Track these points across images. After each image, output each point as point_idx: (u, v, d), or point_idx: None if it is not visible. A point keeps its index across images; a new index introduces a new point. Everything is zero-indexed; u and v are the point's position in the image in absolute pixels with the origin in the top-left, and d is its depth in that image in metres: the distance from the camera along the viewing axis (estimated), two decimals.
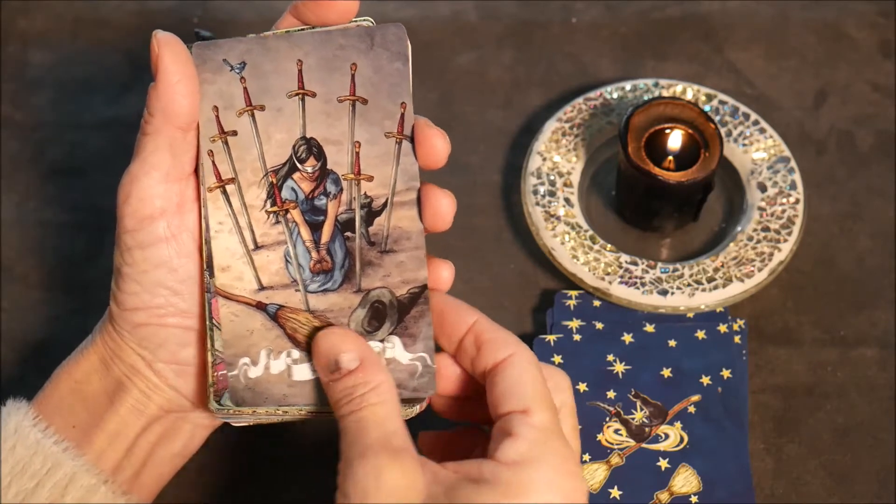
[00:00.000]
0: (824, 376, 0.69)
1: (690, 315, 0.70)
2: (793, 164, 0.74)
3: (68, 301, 0.73)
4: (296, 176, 0.56)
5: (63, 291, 0.73)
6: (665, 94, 0.76)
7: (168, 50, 0.54)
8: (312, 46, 0.55)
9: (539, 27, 0.83)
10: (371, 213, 0.56)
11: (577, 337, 0.69)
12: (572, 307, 0.71)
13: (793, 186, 0.73)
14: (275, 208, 0.56)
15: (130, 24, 0.84)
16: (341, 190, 0.56)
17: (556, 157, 0.75)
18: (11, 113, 0.80)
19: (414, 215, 0.55)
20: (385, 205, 0.55)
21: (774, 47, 0.82)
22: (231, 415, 0.56)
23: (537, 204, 0.72)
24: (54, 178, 0.77)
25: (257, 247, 0.56)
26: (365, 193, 0.56)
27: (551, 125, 0.76)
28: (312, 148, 0.56)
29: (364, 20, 0.56)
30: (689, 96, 0.76)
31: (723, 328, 0.69)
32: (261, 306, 0.56)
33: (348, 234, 0.56)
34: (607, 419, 0.66)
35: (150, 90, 0.55)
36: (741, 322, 0.70)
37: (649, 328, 0.69)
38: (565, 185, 0.74)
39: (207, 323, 0.56)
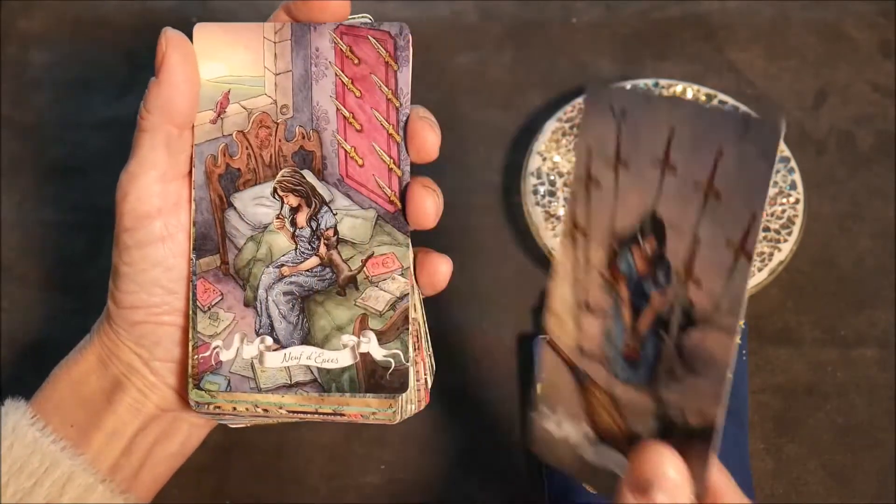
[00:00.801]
0: (824, 376, 0.69)
1: None
2: (793, 164, 0.74)
3: (68, 301, 0.72)
4: (634, 250, 0.50)
5: (63, 291, 0.73)
6: (665, 94, 0.76)
7: (176, 51, 0.54)
8: (688, 115, 0.48)
9: (539, 27, 0.83)
10: (689, 322, 0.49)
11: None
12: None
13: (793, 186, 0.73)
14: (610, 278, 0.51)
15: (130, 24, 0.84)
16: (669, 284, 0.49)
17: (556, 157, 0.74)
18: (11, 113, 0.80)
19: (728, 344, 0.48)
20: (704, 319, 0.48)
21: (774, 47, 0.82)
22: (212, 411, 0.56)
23: (537, 204, 0.72)
24: (54, 178, 0.77)
25: (587, 308, 0.52)
26: (690, 299, 0.49)
27: (551, 125, 0.75)
28: (658, 227, 0.49)
29: (362, 17, 0.56)
30: (689, 96, 0.76)
31: None
32: (573, 368, 0.52)
33: (662, 332, 0.50)
34: None
35: (150, 86, 0.54)
36: (741, 322, 0.70)
37: None
38: (565, 185, 0.73)
39: (191, 306, 0.56)
